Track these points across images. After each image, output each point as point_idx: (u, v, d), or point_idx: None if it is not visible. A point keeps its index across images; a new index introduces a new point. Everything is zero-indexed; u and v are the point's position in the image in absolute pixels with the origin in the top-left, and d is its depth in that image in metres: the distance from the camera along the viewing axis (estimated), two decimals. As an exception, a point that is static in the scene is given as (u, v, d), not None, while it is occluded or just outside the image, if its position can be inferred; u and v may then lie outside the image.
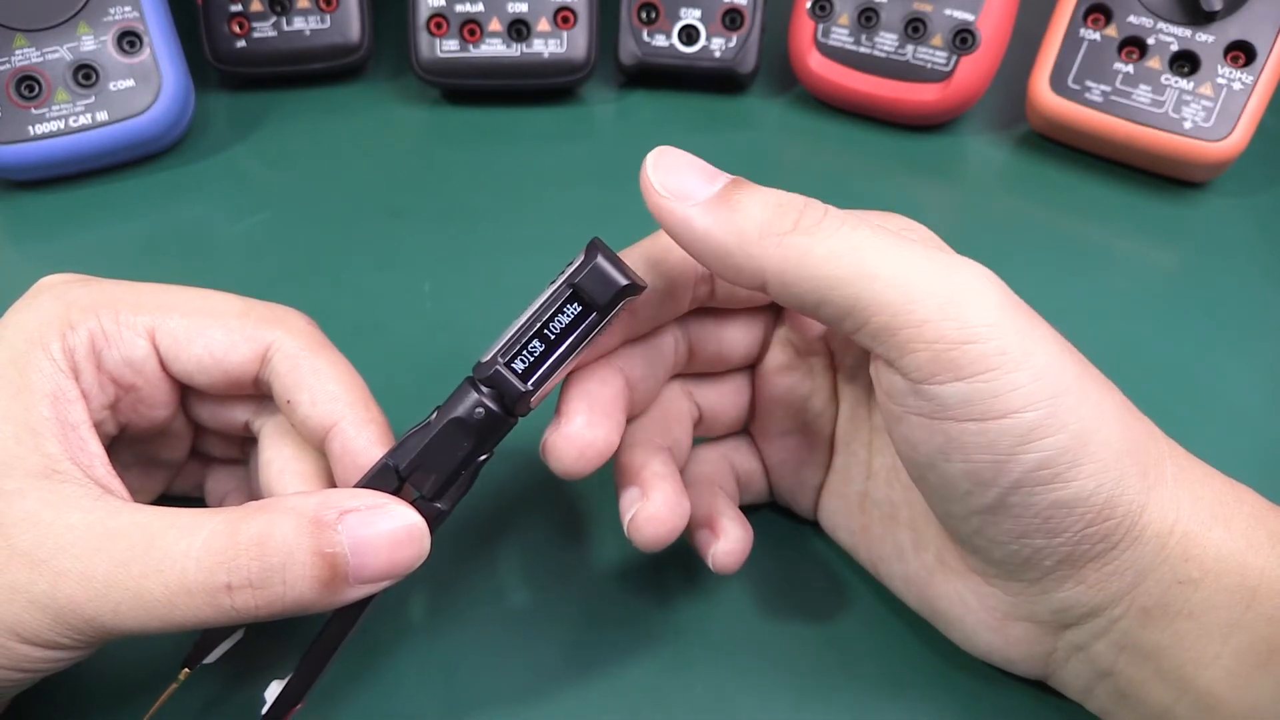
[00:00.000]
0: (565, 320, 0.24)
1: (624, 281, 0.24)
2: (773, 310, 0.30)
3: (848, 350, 0.29)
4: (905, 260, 0.23)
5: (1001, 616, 0.27)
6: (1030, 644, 0.26)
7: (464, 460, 0.25)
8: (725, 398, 0.31)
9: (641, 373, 0.28)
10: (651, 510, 0.26)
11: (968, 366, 0.22)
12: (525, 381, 0.24)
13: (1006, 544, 0.24)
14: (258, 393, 0.28)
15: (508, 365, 0.24)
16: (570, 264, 0.25)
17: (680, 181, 0.24)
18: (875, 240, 0.23)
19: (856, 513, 0.30)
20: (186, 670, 0.26)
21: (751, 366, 0.31)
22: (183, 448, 0.30)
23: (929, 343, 0.22)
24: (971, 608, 0.27)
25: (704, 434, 0.31)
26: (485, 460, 0.25)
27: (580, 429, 0.26)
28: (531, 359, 0.24)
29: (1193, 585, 0.23)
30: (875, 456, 0.29)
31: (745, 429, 0.32)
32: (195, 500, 0.32)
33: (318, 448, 0.27)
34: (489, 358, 0.25)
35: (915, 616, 0.30)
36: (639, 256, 0.27)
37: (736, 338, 0.29)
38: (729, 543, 0.28)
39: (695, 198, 0.24)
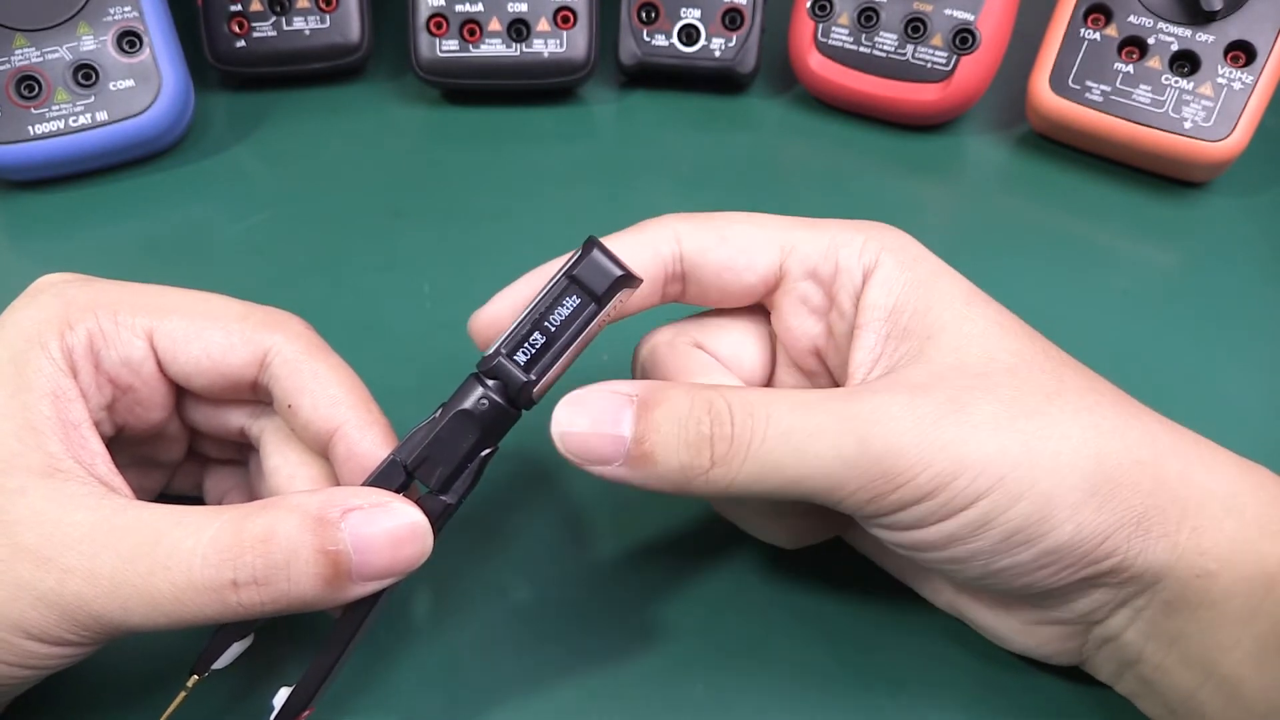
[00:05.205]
0: (565, 312, 0.25)
1: (619, 272, 0.25)
2: (762, 314, 0.30)
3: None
4: (814, 445, 0.24)
5: (1031, 623, 0.27)
6: (1062, 641, 0.27)
7: (470, 453, 0.25)
8: None
9: None
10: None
11: (909, 499, 0.24)
12: (527, 373, 0.25)
13: (1015, 585, 0.25)
14: (254, 397, 0.28)
15: (510, 357, 0.25)
16: (567, 260, 0.25)
17: (590, 448, 0.24)
18: (782, 437, 0.24)
19: (872, 548, 0.30)
20: (195, 677, 0.26)
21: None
22: (179, 449, 0.30)
23: (867, 502, 0.24)
24: (1000, 617, 0.27)
25: None
26: (491, 454, 0.25)
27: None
28: (533, 350, 0.25)
29: (1211, 577, 0.24)
30: None
31: None
32: (194, 499, 0.32)
33: (320, 452, 0.27)
34: (491, 351, 0.25)
35: (922, 616, 0.30)
36: None
37: (730, 340, 0.29)
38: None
39: (612, 460, 0.24)
